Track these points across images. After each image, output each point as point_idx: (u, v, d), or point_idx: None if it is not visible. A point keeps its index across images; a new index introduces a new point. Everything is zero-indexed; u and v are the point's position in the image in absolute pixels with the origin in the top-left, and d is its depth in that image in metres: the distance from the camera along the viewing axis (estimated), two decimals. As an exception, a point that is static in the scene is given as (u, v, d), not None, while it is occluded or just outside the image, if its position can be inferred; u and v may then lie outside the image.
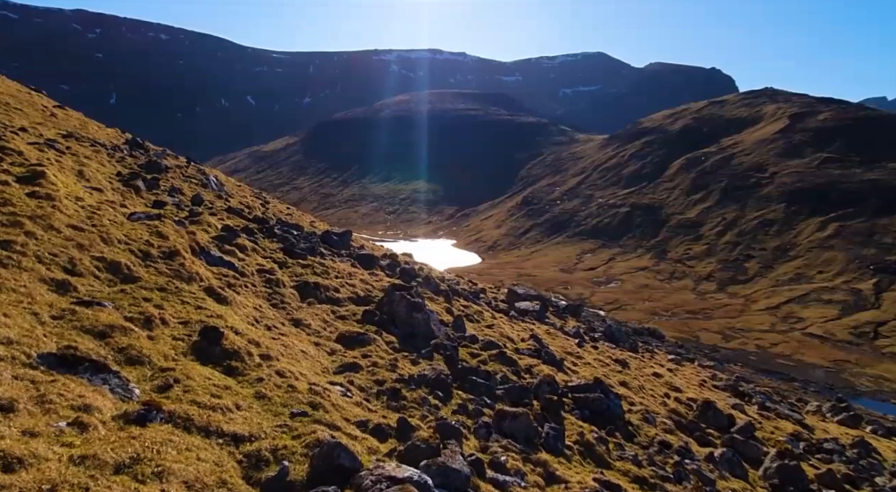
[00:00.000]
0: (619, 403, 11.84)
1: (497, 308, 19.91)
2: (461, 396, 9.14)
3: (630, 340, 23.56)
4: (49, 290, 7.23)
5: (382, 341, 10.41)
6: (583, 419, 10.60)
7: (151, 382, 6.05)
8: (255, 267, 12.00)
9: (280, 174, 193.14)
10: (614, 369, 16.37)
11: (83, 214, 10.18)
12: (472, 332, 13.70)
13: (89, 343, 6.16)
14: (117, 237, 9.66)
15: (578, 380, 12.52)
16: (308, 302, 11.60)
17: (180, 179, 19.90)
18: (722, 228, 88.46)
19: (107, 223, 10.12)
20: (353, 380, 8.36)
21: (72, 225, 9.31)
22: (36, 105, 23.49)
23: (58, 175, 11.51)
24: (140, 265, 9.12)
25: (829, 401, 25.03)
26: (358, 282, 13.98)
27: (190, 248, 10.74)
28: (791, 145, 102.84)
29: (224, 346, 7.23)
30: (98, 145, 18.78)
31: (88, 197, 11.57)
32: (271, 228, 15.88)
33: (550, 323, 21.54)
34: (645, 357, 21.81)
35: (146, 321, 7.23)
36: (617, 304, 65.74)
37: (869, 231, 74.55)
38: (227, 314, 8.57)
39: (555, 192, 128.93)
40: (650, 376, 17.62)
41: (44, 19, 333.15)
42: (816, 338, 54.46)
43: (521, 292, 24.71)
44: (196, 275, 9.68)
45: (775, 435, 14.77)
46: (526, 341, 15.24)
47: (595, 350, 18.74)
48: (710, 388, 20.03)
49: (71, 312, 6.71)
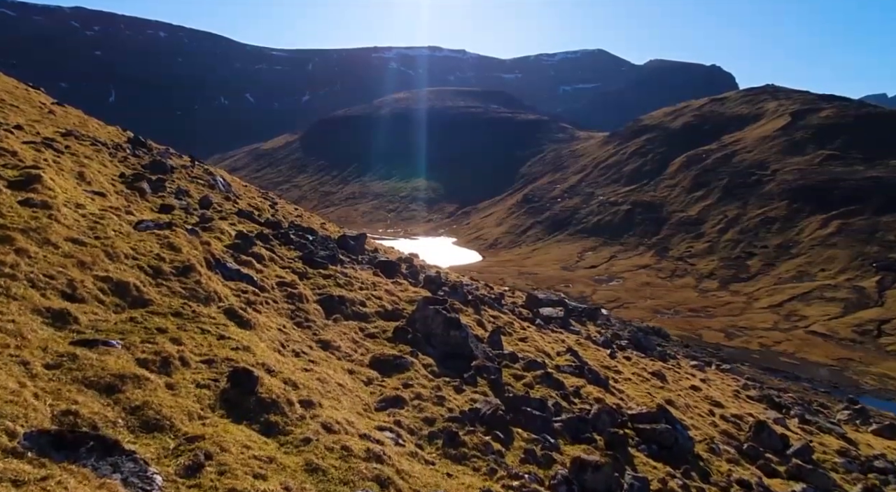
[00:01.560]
0: (688, 434, 11.08)
1: (522, 316, 19.07)
2: (521, 435, 8.35)
3: (658, 349, 22.89)
4: (44, 323, 5.99)
5: (419, 364, 9.63)
6: (651, 456, 9.74)
7: (176, 459, 4.71)
8: (274, 279, 11.17)
9: (279, 172, 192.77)
10: (655, 385, 15.58)
11: (84, 224, 9.09)
12: (508, 348, 13.00)
13: (94, 403, 4.85)
14: (124, 251, 8.54)
15: (638, 407, 11.64)
16: (334, 318, 10.81)
17: (186, 179, 19.19)
18: (724, 226, 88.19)
19: (112, 235, 9.05)
20: (400, 420, 7.51)
21: (71, 238, 8.16)
22: (33, 102, 22.78)
23: (56, 179, 10.46)
24: (151, 285, 8.08)
25: (840, 402, 24.76)
26: (383, 293, 13.26)
27: (205, 260, 9.81)
28: (793, 143, 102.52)
29: (259, 394, 6.10)
30: (99, 144, 18.16)
31: (90, 203, 10.56)
32: (286, 234, 15.08)
33: (575, 331, 20.62)
34: (674, 366, 21.00)
35: (163, 363, 5.99)
36: (619, 302, 65.49)
37: (871, 229, 74.29)
38: (254, 343, 7.54)
39: (555, 189, 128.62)
40: (689, 390, 16.77)
41: (42, 17, 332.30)
42: (819, 336, 54.23)
43: (542, 297, 23.67)
44: (214, 294, 8.72)
45: (828, 456, 13.93)
46: (563, 356, 14.53)
47: (628, 361, 17.95)
48: (745, 399, 19.19)
49: (70, 357, 5.39)
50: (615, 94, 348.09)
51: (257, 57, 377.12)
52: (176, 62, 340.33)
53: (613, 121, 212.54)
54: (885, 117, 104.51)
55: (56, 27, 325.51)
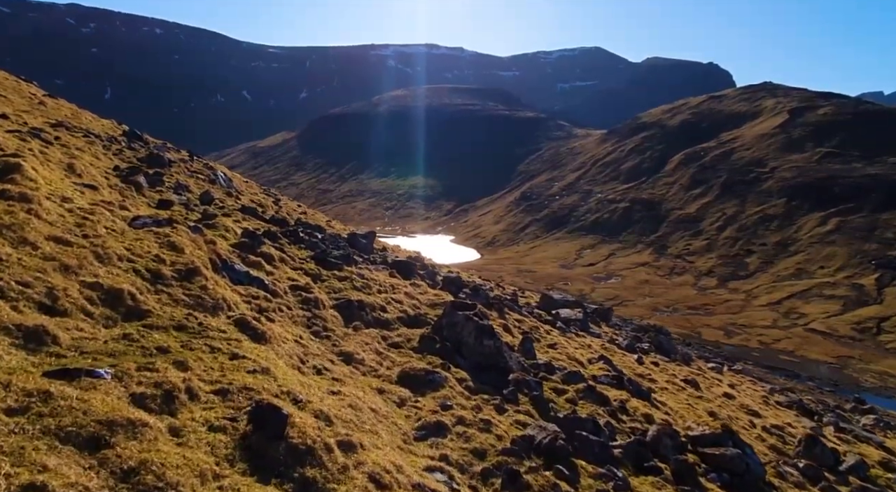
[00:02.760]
0: (758, 459, 10.11)
1: (542, 319, 18.07)
2: (586, 469, 7.49)
3: (680, 351, 21.78)
4: (13, 345, 4.70)
5: (453, 379, 8.81)
6: (724, 486, 8.81)
7: None
8: (286, 282, 10.20)
9: (277, 170, 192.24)
10: (692, 395, 14.45)
11: (71, 220, 7.84)
12: (541, 356, 12.13)
13: (71, 468, 3.43)
14: (117, 252, 7.35)
15: (699, 427, 10.57)
16: (354, 326, 9.98)
17: (185, 174, 18.40)
18: (722, 224, 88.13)
19: (103, 232, 7.85)
20: (447, 453, 6.62)
21: (54, 237, 6.91)
22: (23, 93, 21.92)
23: (39, 169, 9.23)
24: (149, 291, 6.96)
25: (847, 402, 24.55)
26: (403, 297, 12.38)
27: (210, 262, 8.74)
28: (791, 140, 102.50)
29: (290, 439, 4.85)
30: (92, 136, 17.36)
31: (79, 197, 9.35)
32: (295, 232, 14.17)
33: (596, 334, 19.62)
34: (699, 371, 19.85)
35: (166, 399, 4.69)
36: (618, 300, 65.33)
37: (870, 226, 74.28)
38: (272, 363, 6.43)
39: (553, 187, 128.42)
40: (723, 399, 15.72)
41: (38, 14, 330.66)
42: (819, 334, 54.16)
43: (558, 298, 22.44)
44: (222, 301, 7.69)
45: (877, 470, 12.84)
46: (596, 364, 13.55)
47: (657, 367, 16.89)
48: (775, 406, 18.15)
49: (42, 396, 3.97)
50: (613, 91, 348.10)
51: (254, 54, 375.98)
52: (172, 60, 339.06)
53: (611, 118, 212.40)
54: (883, 115, 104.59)
55: (51, 24, 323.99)
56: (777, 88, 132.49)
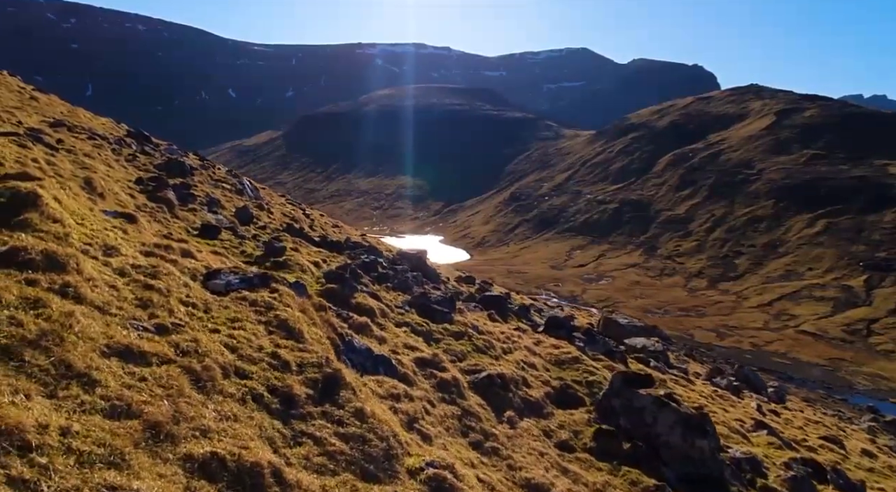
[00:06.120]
0: None
1: (642, 360, 14.27)
2: None
3: (769, 386, 19.42)
4: None
5: None
6: None
7: None
8: (406, 353, 7.46)
9: (263, 169, 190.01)
10: (870, 467, 12.19)
11: (130, 297, 4.84)
12: (733, 446, 8.87)
13: None
14: (218, 360, 4.41)
15: None
16: (508, 419, 7.27)
17: (209, 183, 16.52)
18: (711, 225, 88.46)
19: (183, 316, 4.94)
20: None
21: (117, 351, 3.91)
22: (11, 87, 20.32)
23: (60, 197, 6.24)
24: (289, 445, 4.09)
25: (861, 412, 24.28)
26: (525, 354, 9.70)
27: (331, 344, 6.06)
28: (778, 142, 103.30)
29: None
30: (98, 138, 15.65)
31: (123, 242, 6.25)
32: (373, 265, 11.36)
33: (683, 369, 16.73)
34: (794, 408, 17.84)
35: None
36: (609, 301, 65.14)
37: (857, 228, 74.92)
38: None
39: (542, 188, 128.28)
40: (868, 460, 13.37)
41: (17, 8, 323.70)
42: (810, 335, 54.35)
43: (624, 323, 18.92)
44: (392, 439, 4.75)
45: None
46: (759, 435, 10.62)
47: (779, 417, 14.55)
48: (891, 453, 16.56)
49: None
50: (599, 92, 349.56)
51: (240, 52, 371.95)
52: (155, 56, 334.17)
53: (598, 119, 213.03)
54: (868, 118, 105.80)
55: (31, 19, 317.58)
56: (763, 90, 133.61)
